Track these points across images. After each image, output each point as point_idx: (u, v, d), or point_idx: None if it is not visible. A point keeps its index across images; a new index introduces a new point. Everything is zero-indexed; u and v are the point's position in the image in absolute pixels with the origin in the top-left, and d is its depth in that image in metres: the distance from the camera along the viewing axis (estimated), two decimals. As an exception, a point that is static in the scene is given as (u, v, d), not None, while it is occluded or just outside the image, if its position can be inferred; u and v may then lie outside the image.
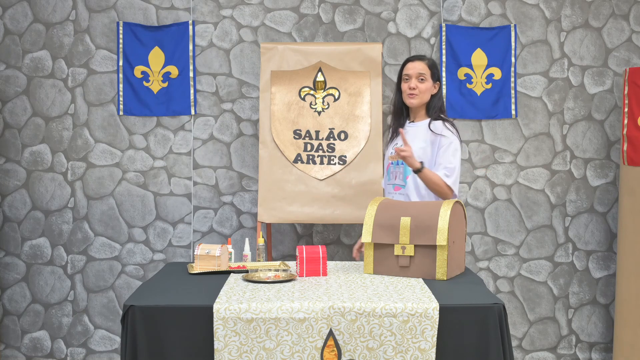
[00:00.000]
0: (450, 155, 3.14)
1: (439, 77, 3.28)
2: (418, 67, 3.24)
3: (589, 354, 4.35)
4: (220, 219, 4.30)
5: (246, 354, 2.25)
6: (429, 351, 2.25)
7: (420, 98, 3.24)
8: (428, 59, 3.28)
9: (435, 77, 3.26)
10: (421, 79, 3.22)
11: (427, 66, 3.24)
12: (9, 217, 4.30)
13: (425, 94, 3.24)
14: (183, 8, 4.25)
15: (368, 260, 2.75)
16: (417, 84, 3.22)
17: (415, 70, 3.23)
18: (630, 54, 4.28)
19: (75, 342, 4.32)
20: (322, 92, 3.97)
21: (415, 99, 3.23)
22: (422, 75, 3.22)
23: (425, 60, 3.26)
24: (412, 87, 3.22)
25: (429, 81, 3.23)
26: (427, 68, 3.24)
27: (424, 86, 3.22)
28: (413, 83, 3.22)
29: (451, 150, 3.14)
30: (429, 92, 3.25)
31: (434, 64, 3.27)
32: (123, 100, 4.25)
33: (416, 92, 3.22)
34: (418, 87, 3.22)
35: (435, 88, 3.27)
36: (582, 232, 4.34)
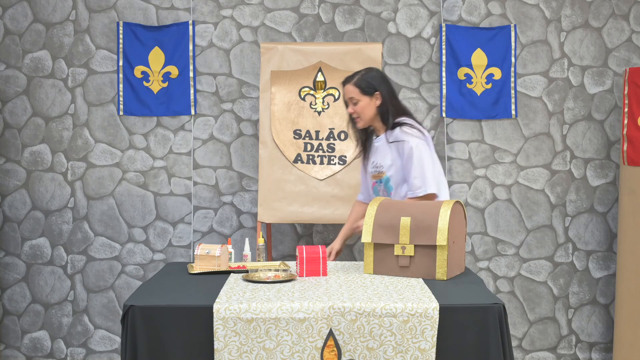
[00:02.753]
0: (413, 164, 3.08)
1: (375, 88, 3.17)
2: (347, 91, 3.20)
3: (589, 354, 4.35)
4: (220, 219, 4.30)
5: (246, 354, 2.25)
6: (429, 351, 2.25)
7: (363, 119, 3.19)
8: (356, 77, 3.20)
9: (368, 90, 3.17)
10: (354, 102, 3.18)
11: (354, 86, 3.18)
12: (9, 217, 4.30)
13: (366, 113, 3.18)
14: (183, 8, 4.25)
15: (368, 260, 2.75)
16: (353, 108, 3.19)
17: (347, 95, 3.20)
18: (630, 54, 4.28)
19: (75, 342, 4.32)
20: (322, 92, 3.97)
21: (359, 122, 3.22)
22: (352, 99, 3.18)
23: (352, 81, 3.19)
24: (350, 112, 3.21)
25: (363, 99, 3.17)
26: (355, 88, 3.17)
27: (359, 107, 3.17)
28: (350, 108, 3.20)
29: (414, 158, 3.08)
30: (370, 108, 3.17)
31: (363, 78, 3.19)
32: (123, 100, 4.25)
33: (356, 115, 3.20)
34: (355, 110, 3.19)
35: (377, 99, 3.18)
36: (582, 232, 4.34)
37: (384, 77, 3.24)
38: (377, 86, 3.19)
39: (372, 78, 3.19)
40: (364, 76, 3.20)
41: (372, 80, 3.19)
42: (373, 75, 3.21)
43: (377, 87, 3.18)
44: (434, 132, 4.29)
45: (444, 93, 4.27)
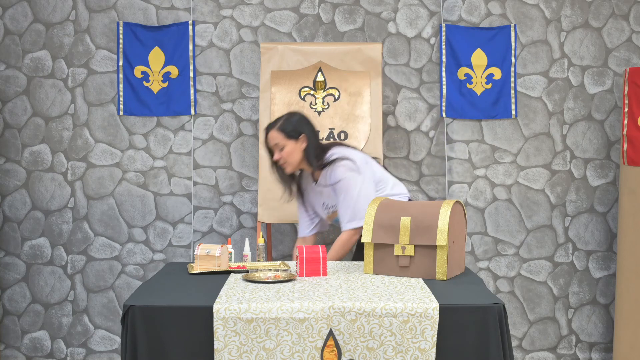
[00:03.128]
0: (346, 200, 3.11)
1: (299, 131, 3.17)
2: (271, 138, 3.19)
3: (589, 354, 4.35)
4: (220, 219, 4.30)
5: (246, 354, 2.25)
6: (429, 351, 2.25)
7: (291, 164, 3.19)
8: (279, 123, 3.19)
9: (293, 134, 3.16)
10: (280, 148, 3.17)
11: (278, 131, 3.17)
12: (9, 217, 4.30)
13: (293, 157, 3.17)
14: (183, 8, 4.25)
15: (368, 260, 2.75)
16: (279, 154, 3.18)
17: (271, 142, 3.19)
18: (630, 54, 4.28)
19: (75, 342, 4.32)
20: (322, 92, 3.97)
21: (287, 167, 3.21)
22: (278, 144, 3.17)
23: (276, 126, 3.18)
24: (276, 158, 3.19)
25: (288, 144, 3.16)
26: (279, 133, 3.16)
27: (286, 153, 3.16)
28: (276, 155, 3.19)
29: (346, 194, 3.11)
30: (297, 152, 3.17)
31: (285, 123, 3.18)
32: (123, 100, 4.25)
33: (282, 162, 3.19)
34: (281, 156, 3.18)
35: (303, 141, 3.17)
36: (582, 232, 4.34)
37: (306, 119, 3.24)
38: (302, 129, 3.18)
39: (295, 122, 3.19)
40: (287, 120, 3.19)
41: (296, 123, 3.18)
42: (296, 118, 3.21)
43: (302, 130, 3.18)
44: (434, 132, 4.29)
45: (444, 93, 4.27)
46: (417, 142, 4.29)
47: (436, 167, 4.29)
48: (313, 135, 3.21)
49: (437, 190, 4.30)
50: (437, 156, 4.30)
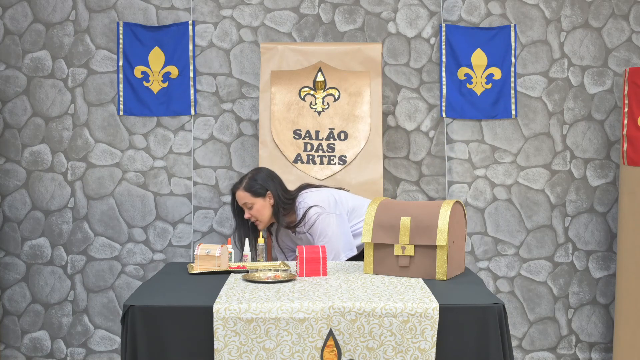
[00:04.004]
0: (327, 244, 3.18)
1: (265, 188, 3.23)
2: (239, 198, 3.25)
3: (589, 354, 4.35)
4: (220, 219, 4.31)
5: (246, 354, 2.25)
6: (429, 351, 2.25)
7: (262, 220, 3.26)
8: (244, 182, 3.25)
9: (259, 192, 3.23)
10: (249, 207, 3.23)
11: (245, 191, 3.23)
12: (9, 217, 4.30)
13: (263, 214, 3.24)
14: (183, 8, 4.25)
15: (368, 260, 2.75)
16: (249, 213, 3.24)
17: (240, 201, 3.25)
18: (630, 54, 4.28)
19: (75, 342, 4.32)
20: (322, 92, 3.97)
21: (259, 224, 3.28)
22: (247, 204, 3.23)
23: (241, 186, 3.25)
24: (247, 217, 3.26)
25: (257, 202, 3.22)
26: (246, 192, 3.23)
27: (255, 210, 3.24)
28: (247, 214, 3.25)
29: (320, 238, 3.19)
30: (266, 209, 3.24)
31: (251, 181, 3.24)
32: (123, 100, 4.26)
33: (253, 219, 3.26)
34: (252, 215, 3.24)
35: (270, 198, 3.24)
36: (582, 232, 4.34)
37: (272, 174, 3.31)
38: (267, 186, 3.25)
39: (261, 179, 3.26)
40: (251, 179, 3.26)
41: (261, 181, 3.25)
42: (261, 176, 3.28)
43: (268, 187, 3.24)
44: (434, 132, 4.29)
45: (444, 93, 4.27)
46: (417, 142, 4.29)
47: (436, 167, 4.30)
48: (279, 188, 3.28)
49: (437, 190, 4.30)
50: (437, 156, 4.30)
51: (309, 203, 3.22)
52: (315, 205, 3.21)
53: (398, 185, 4.28)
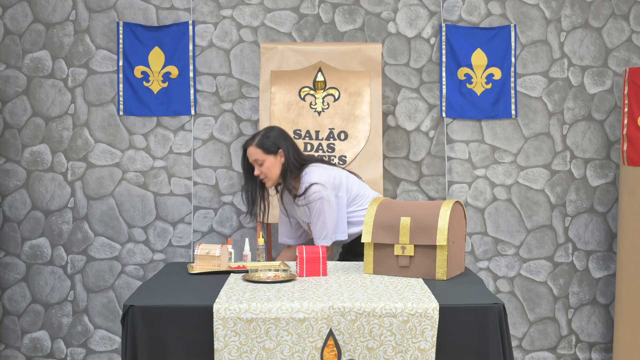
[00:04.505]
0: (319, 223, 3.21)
1: (277, 146, 3.24)
2: (250, 154, 3.26)
3: (589, 354, 4.35)
4: (220, 219, 4.31)
5: (246, 354, 2.25)
6: (429, 351, 2.25)
7: (271, 178, 3.26)
8: (257, 139, 3.26)
9: (271, 149, 3.24)
10: (260, 164, 3.24)
11: (256, 147, 3.24)
12: (9, 217, 4.30)
13: (273, 172, 3.24)
14: (183, 8, 4.25)
15: (368, 260, 2.75)
16: (259, 169, 3.25)
17: (251, 157, 3.26)
18: (630, 54, 4.28)
19: (75, 342, 4.32)
20: (322, 92, 3.97)
21: (267, 182, 3.28)
22: (257, 160, 3.24)
23: (254, 142, 3.25)
24: (257, 174, 3.26)
25: (268, 159, 3.23)
26: (258, 149, 3.24)
27: (265, 167, 3.24)
28: (256, 170, 3.26)
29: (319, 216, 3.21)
30: (276, 167, 3.24)
31: (264, 138, 3.25)
32: (123, 100, 4.26)
33: (263, 176, 3.26)
34: (261, 172, 3.25)
35: (281, 156, 3.25)
36: (582, 232, 4.34)
37: (284, 134, 3.31)
38: (279, 144, 3.25)
39: (273, 137, 3.26)
40: (264, 136, 3.26)
41: (274, 139, 3.26)
42: (274, 134, 3.28)
43: (279, 145, 3.25)
44: (434, 132, 4.29)
45: (444, 93, 4.27)
46: (417, 142, 4.29)
47: (436, 167, 4.30)
48: (292, 149, 3.28)
49: (437, 190, 4.30)
50: (437, 156, 4.30)
51: (313, 179, 3.20)
52: (318, 183, 3.20)
53: (398, 185, 4.28)
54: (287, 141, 3.28)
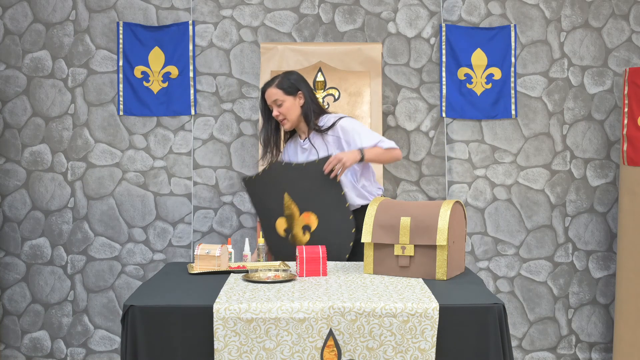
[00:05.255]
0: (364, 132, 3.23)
1: (296, 88, 3.26)
2: (270, 94, 3.27)
3: (589, 354, 4.35)
4: (220, 219, 4.31)
5: (246, 354, 2.25)
6: (429, 351, 2.25)
7: (290, 119, 3.27)
8: (277, 80, 3.27)
9: (291, 91, 3.26)
10: (279, 104, 3.25)
11: (277, 88, 3.25)
12: (9, 217, 4.30)
13: (292, 113, 3.25)
14: (183, 8, 4.25)
15: (368, 260, 2.75)
16: (278, 110, 3.26)
17: (270, 99, 3.27)
18: (630, 54, 4.28)
19: (75, 342, 4.32)
20: (322, 92, 3.97)
21: (286, 124, 3.28)
22: (277, 101, 3.25)
23: (274, 84, 3.27)
24: (275, 114, 3.27)
25: (287, 100, 3.24)
26: (278, 89, 3.25)
27: (285, 108, 3.24)
28: (275, 111, 3.26)
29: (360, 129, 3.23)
30: (295, 108, 3.26)
31: (284, 80, 3.27)
32: (123, 100, 4.26)
33: (281, 117, 3.27)
34: (280, 112, 3.25)
35: (300, 98, 3.27)
36: (582, 232, 4.34)
37: (303, 78, 3.33)
38: (299, 86, 3.27)
39: (293, 79, 3.29)
40: (284, 78, 3.28)
41: (294, 81, 3.28)
42: (294, 77, 3.31)
43: (299, 87, 3.27)
44: (434, 132, 4.29)
45: (444, 93, 4.27)
46: (417, 142, 4.29)
47: (436, 167, 4.30)
48: (309, 93, 3.30)
49: (437, 190, 4.30)
50: (437, 156, 4.30)
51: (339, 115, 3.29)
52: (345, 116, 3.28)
53: (398, 185, 4.28)
54: (306, 85, 3.31)
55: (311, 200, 3.20)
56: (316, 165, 3.15)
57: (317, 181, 3.17)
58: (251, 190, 3.36)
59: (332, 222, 3.19)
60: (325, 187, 3.16)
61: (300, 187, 3.21)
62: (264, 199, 3.31)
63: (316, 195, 3.19)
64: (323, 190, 3.17)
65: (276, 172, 3.25)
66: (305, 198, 3.21)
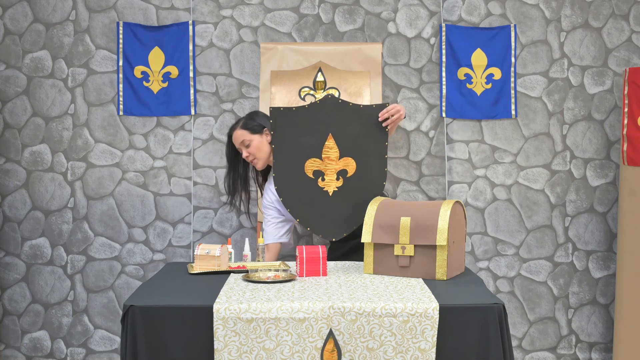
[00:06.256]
0: None
1: (261, 126, 3.27)
2: (237, 137, 3.28)
3: (589, 354, 4.35)
4: (220, 219, 4.31)
5: (246, 354, 2.26)
6: (429, 351, 2.25)
7: (261, 158, 3.28)
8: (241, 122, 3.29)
9: (256, 129, 3.26)
10: (247, 145, 3.26)
11: (242, 129, 3.27)
12: (9, 217, 4.30)
13: (262, 151, 3.27)
14: (183, 8, 4.25)
15: (368, 260, 2.75)
16: (247, 151, 3.27)
17: (237, 141, 3.29)
18: (630, 54, 4.28)
19: (75, 342, 4.32)
20: (322, 92, 3.97)
21: (257, 163, 3.30)
22: (244, 141, 3.26)
23: (238, 126, 3.29)
24: (245, 156, 3.28)
25: (254, 139, 3.26)
26: (244, 130, 3.27)
27: (253, 147, 3.26)
28: (244, 152, 3.28)
29: None
30: (264, 146, 3.27)
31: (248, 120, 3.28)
32: (123, 100, 4.26)
33: (251, 157, 3.28)
34: (250, 152, 3.27)
35: (267, 134, 3.27)
36: (582, 232, 4.34)
37: (266, 115, 3.34)
38: (264, 123, 3.29)
39: (258, 118, 3.31)
40: (249, 118, 3.32)
41: (258, 119, 3.30)
42: (259, 116, 3.34)
43: (264, 124, 3.28)
44: (434, 132, 4.29)
45: (443, 93, 4.27)
46: (417, 142, 4.29)
47: (436, 167, 4.30)
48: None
49: (437, 190, 4.30)
50: (437, 156, 4.30)
51: None
52: None
53: (398, 185, 4.28)
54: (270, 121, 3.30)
55: (356, 145, 3.13)
56: (372, 109, 3.10)
57: (368, 127, 3.11)
58: (280, 121, 3.16)
59: (368, 172, 3.13)
60: (373, 135, 3.11)
61: (349, 129, 3.13)
62: (298, 134, 3.16)
63: (362, 141, 3.13)
64: (370, 137, 3.12)
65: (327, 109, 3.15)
66: (350, 142, 3.14)
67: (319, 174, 3.15)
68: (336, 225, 3.14)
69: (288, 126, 3.17)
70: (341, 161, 3.14)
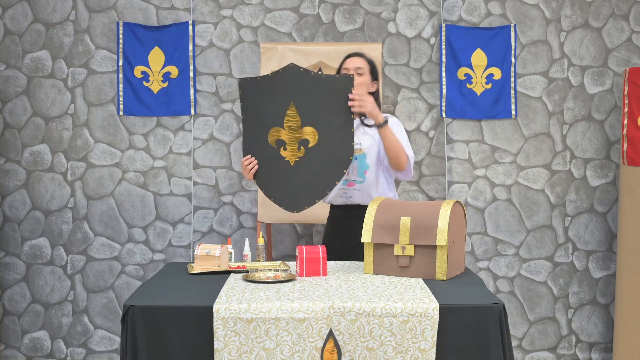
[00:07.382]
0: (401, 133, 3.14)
1: (376, 77, 3.22)
2: (356, 62, 3.18)
3: (589, 354, 4.35)
4: (220, 219, 4.31)
5: (246, 354, 2.25)
6: (429, 351, 2.25)
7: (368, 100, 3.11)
8: (368, 58, 3.22)
9: (373, 75, 3.21)
10: (359, 73, 3.15)
11: (365, 61, 3.19)
12: (9, 217, 4.30)
13: (362, 88, 3.15)
14: (183, 8, 4.25)
15: (368, 260, 2.75)
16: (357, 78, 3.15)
17: (353, 64, 3.17)
18: (630, 54, 4.28)
19: (75, 342, 4.32)
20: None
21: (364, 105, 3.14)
22: (359, 70, 3.15)
23: (365, 57, 3.21)
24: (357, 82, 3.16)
25: (366, 75, 3.17)
26: (366, 63, 3.19)
27: (360, 79, 3.14)
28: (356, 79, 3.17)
29: (400, 130, 3.15)
30: (366, 87, 3.17)
31: (373, 63, 3.22)
32: (123, 100, 4.26)
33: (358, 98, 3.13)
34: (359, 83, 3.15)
35: (374, 86, 3.22)
36: (582, 232, 4.34)
37: None
38: (377, 77, 3.25)
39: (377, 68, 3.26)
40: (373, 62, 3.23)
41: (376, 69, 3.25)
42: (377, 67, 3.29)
43: (377, 78, 3.24)
44: (434, 132, 4.29)
45: (443, 93, 4.27)
46: (417, 142, 4.29)
47: (436, 167, 4.30)
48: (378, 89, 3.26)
49: (437, 190, 4.30)
50: (437, 156, 4.30)
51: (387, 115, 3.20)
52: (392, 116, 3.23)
53: (398, 185, 4.28)
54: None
55: (317, 115, 3.02)
56: (336, 79, 3.00)
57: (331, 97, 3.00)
58: (247, 92, 3.10)
59: (331, 143, 3.03)
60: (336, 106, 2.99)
61: (310, 99, 3.03)
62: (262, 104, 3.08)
63: (325, 111, 3.02)
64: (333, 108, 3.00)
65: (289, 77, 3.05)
66: (312, 111, 3.03)
67: (281, 143, 3.06)
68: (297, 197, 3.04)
69: (254, 96, 3.08)
70: (302, 130, 3.04)
